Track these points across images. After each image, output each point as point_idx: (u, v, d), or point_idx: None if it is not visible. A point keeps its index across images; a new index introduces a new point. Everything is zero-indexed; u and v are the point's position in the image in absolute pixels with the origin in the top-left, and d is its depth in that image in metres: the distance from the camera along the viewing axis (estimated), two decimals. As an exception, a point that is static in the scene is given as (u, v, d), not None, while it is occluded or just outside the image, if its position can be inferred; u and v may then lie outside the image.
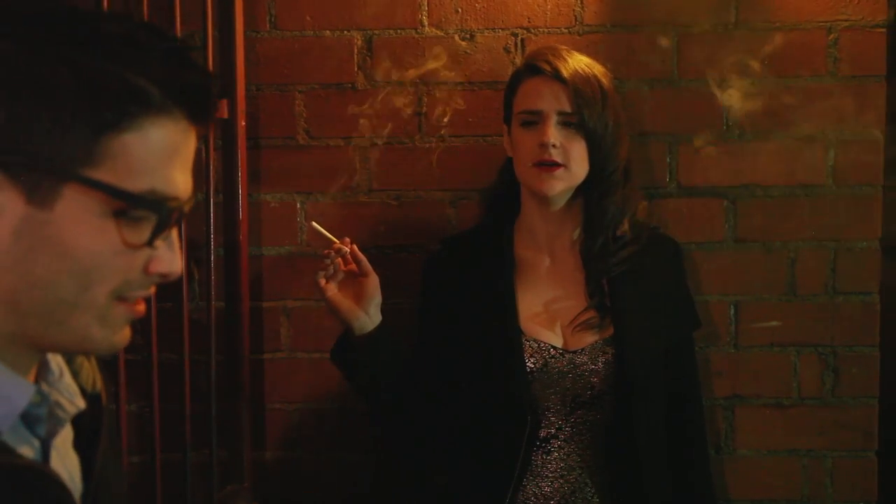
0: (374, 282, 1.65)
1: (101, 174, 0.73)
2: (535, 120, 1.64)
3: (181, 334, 1.75)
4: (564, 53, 1.66)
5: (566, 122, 1.63)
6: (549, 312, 1.69)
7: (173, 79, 0.75)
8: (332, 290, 1.64)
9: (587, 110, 1.61)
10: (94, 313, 0.77)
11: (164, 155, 0.76)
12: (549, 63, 1.64)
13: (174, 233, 0.80)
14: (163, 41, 0.75)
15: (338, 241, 1.64)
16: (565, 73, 1.62)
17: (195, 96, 0.77)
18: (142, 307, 0.81)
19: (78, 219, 0.73)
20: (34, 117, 0.71)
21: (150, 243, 0.77)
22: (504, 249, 1.73)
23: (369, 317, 1.64)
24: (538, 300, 1.70)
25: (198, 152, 1.81)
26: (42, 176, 0.72)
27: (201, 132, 0.80)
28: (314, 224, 1.69)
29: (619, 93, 1.75)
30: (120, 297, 0.78)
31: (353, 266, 1.65)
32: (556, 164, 1.62)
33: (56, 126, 0.71)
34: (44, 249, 0.73)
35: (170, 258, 0.80)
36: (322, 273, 1.64)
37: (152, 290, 0.81)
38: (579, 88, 1.62)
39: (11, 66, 0.71)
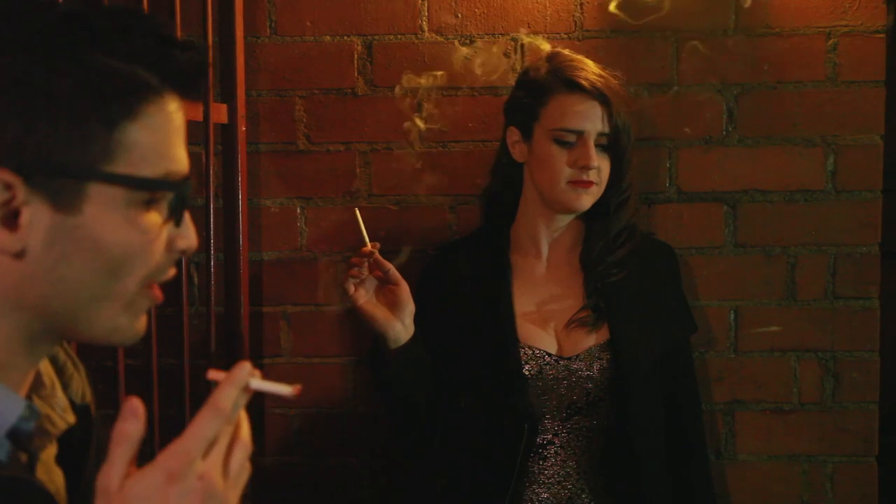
0: (406, 289, 1.59)
1: (120, 167, 0.74)
2: (573, 140, 1.63)
3: (181, 339, 1.75)
4: (596, 68, 1.65)
5: (600, 144, 1.63)
6: (545, 319, 1.69)
7: (164, 60, 0.76)
8: (363, 297, 1.57)
9: (624, 133, 1.62)
10: (123, 302, 0.78)
11: (169, 135, 0.77)
12: (589, 80, 1.62)
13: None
14: (144, 24, 0.76)
15: (369, 244, 1.56)
16: (608, 94, 1.61)
17: (186, 73, 0.78)
18: (159, 292, 0.82)
19: (106, 216, 0.74)
20: (48, 125, 0.71)
21: (177, 222, 0.79)
22: (500, 255, 1.72)
23: (405, 327, 1.59)
24: (534, 306, 1.70)
25: (198, 157, 1.83)
26: (65, 182, 0.72)
27: (189, 104, 0.82)
28: (357, 211, 1.60)
29: None
30: (149, 283, 0.80)
31: (379, 273, 1.59)
32: (592, 182, 1.63)
33: (70, 130, 0.72)
34: (77, 252, 0.74)
35: (187, 232, 0.81)
36: (353, 279, 1.57)
37: (173, 271, 0.83)
38: (619, 111, 1.62)
39: (14, 79, 0.71)
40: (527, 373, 1.63)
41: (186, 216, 0.82)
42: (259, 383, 0.77)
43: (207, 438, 0.72)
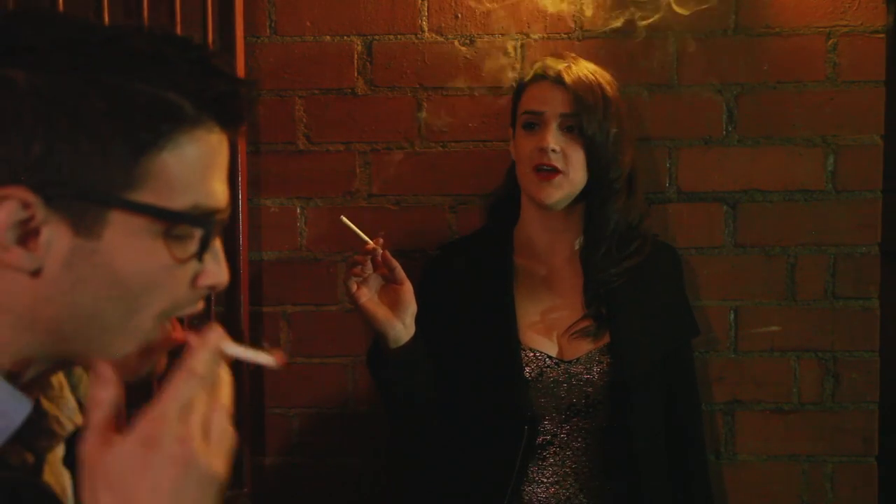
0: (409, 289, 1.57)
1: (144, 196, 0.72)
2: (536, 122, 1.65)
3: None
4: (570, 60, 1.67)
5: (567, 128, 1.63)
6: (546, 321, 1.69)
7: (203, 89, 0.73)
8: (365, 295, 1.55)
9: (587, 116, 1.61)
10: (139, 338, 0.76)
11: (202, 168, 0.75)
12: (553, 69, 1.65)
13: (217, 243, 0.79)
14: (187, 51, 0.74)
15: (370, 241, 1.53)
16: (568, 79, 1.62)
17: (226, 104, 0.76)
18: (179, 334, 0.79)
19: (127, 244, 0.72)
20: (71, 147, 0.69)
21: (199, 258, 0.76)
22: (503, 257, 1.72)
23: (405, 327, 1.57)
24: (535, 309, 1.69)
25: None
26: (86, 205, 0.70)
27: (233, 137, 0.79)
28: (343, 219, 1.54)
29: (623, 101, 1.72)
30: (168, 318, 0.77)
31: (385, 270, 1.56)
32: (555, 171, 1.61)
33: (94, 153, 0.70)
34: (94, 279, 0.72)
35: (216, 269, 0.79)
36: (354, 279, 1.55)
37: (200, 305, 0.80)
38: (581, 95, 1.62)
39: (43, 97, 0.69)
40: (528, 375, 1.62)
41: (218, 251, 0.79)
42: (237, 350, 0.75)
43: (182, 402, 0.70)
